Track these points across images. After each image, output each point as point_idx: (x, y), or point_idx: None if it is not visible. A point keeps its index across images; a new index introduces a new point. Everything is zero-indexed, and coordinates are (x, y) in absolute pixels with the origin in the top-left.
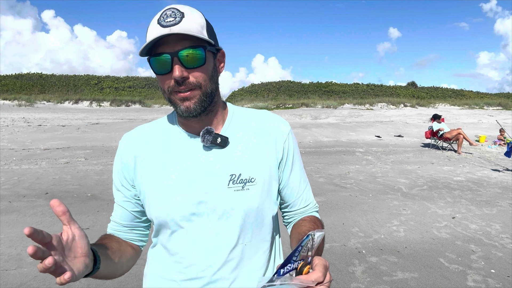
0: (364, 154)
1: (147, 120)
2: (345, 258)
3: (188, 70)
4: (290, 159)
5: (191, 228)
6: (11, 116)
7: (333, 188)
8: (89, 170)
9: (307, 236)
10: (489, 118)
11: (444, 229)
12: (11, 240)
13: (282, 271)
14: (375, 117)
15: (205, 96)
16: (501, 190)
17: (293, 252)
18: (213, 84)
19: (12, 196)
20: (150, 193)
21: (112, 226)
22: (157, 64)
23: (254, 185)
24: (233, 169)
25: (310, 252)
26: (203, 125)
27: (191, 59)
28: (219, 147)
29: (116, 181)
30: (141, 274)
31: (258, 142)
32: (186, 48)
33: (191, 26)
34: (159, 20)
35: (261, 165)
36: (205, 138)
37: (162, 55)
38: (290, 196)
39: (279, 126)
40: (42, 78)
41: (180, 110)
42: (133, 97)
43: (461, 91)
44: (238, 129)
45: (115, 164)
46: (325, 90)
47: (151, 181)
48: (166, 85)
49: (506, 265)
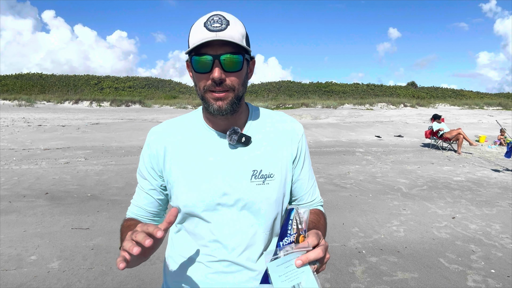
0: (364, 154)
1: (147, 120)
2: (345, 258)
3: (226, 73)
4: (302, 158)
5: (215, 217)
6: (11, 116)
7: (333, 188)
8: (89, 170)
9: (292, 210)
10: (489, 118)
11: (444, 229)
12: (11, 240)
13: (281, 243)
14: (375, 117)
15: (236, 98)
16: (501, 190)
17: (285, 226)
18: (244, 88)
19: (12, 196)
20: (178, 183)
21: (135, 211)
22: (199, 64)
23: (273, 180)
24: (255, 166)
25: (301, 225)
26: (228, 124)
27: (230, 63)
28: (242, 145)
29: (144, 170)
30: (142, 275)
31: (276, 141)
32: (227, 53)
33: (234, 34)
34: (205, 23)
35: (279, 162)
36: (232, 137)
37: (205, 56)
38: (299, 190)
39: (294, 127)
40: (42, 78)
41: (212, 108)
42: (133, 97)
43: (461, 91)
44: (259, 128)
45: (144, 155)
46: (325, 90)
47: (179, 172)
48: (203, 84)
49: (506, 265)
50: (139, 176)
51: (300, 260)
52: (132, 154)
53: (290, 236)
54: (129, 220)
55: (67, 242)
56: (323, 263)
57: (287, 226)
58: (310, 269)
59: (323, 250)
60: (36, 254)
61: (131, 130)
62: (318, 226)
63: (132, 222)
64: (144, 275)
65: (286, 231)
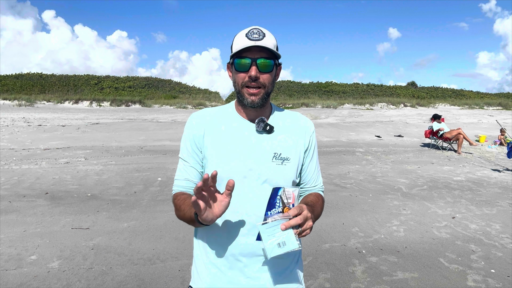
0: (364, 154)
1: (147, 120)
2: (345, 258)
3: (260, 73)
4: (312, 149)
5: (241, 188)
6: (11, 116)
7: (333, 188)
8: (89, 170)
9: (279, 188)
10: (489, 118)
11: (444, 229)
12: (11, 240)
13: (269, 213)
14: (375, 117)
15: (266, 94)
16: (501, 190)
17: (273, 200)
18: (272, 87)
19: (12, 196)
20: (214, 157)
21: (184, 184)
22: (240, 64)
23: (290, 162)
24: (276, 149)
25: (287, 200)
26: (256, 115)
27: (264, 65)
28: (267, 132)
29: (189, 147)
30: (142, 274)
31: (293, 133)
32: (263, 58)
33: (269, 43)
34: (247, 34)
35: (294, 149)
36: (259, 124)
37: (245, 58)
38: (305, 176)
39: (308, 124)
40: (42, 78)
41: (246, 101)
42: (133, 97)
43: (461, 91)
44: (280, 122)
45: (187, 135)
46: (325, 90)
47: (215, 149)
48: (241, 80)
49: (506, 265)
50: (185, 153)
51: (283, 225)
52: (132, 154)
53: (278, 208)
54: (181, 194)
55: (67, 242)
56: (306, 229)
57: (275, 200)
58: (292, 232)
59: (301, 218)
60: (36, 254)
61: (131, 130)
62: (315, 205)
63: (186, 196)
64: (144, 275)
65: (274, 204)
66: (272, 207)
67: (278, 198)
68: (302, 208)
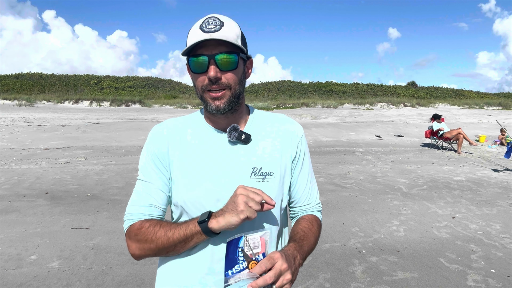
0: (364, 154)
1: (147, 120)
2: (345, 258)
3: (222, 72)
4: (301, 159)
5: None
6: (11, 116)
7: (333, 188)
8: (89, 170)
9: (240, 238)
10: (489, 118)
11: (444, 229)
12: (11, 240)
13: (230, 272)
14: (375, 117)
15: (233, 96)
16: (501, 190)
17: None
18: (241, 87)
19: (12, 196)
20: (179, 179)
21: (149, 212)
22: (195, 64)
23: (273, 178)
24: (255, 163)
25: (253, 251)
26: (228, 122)
27: (225, 62)
28: (242, 143)
29: (152, 166)
30: (142, 274)
31: (276, 141)
32: (222, 53)
33: (228, 34)
34: (201, 26)
35: (278, 161)
36: (231, 134)
37: (201, 57)
38: (294, 193)
39: (295, 129)
40: (42, 78)
41: (210, 107)
42: (133, 97)
43: (461, 91)
44: (259, 128)
45: (148, 152)
46: (325, 90)
47: (181, 168)
48: (200, 83)
49: (506, 265)
50: (147, 173)
51: (250, 287)
52: (132, 153)
53: (242, 263)
54: (146, 222)
55: (67, 242)
56: (283, 285)
57: (235, 254)
58: None
59: (272, 275)
60: (36, 254)
61: (131, 130)
62: (305, 236)
63: (156, 221)
64: (144, 275)
65: (235, 259)
66: (233, 263)
67: (239, 251)
68: (274, 259)
